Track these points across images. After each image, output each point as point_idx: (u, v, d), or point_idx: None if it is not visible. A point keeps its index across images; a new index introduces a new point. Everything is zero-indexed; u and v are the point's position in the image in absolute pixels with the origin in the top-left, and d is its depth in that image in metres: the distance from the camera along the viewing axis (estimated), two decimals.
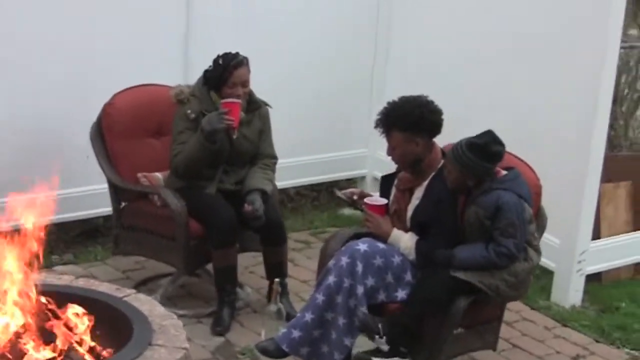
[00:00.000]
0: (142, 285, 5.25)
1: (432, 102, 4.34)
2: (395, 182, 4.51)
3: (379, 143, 6.67)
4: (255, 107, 5.04)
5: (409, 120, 4.28)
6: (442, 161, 4.37)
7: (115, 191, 5.12)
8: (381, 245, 4.36)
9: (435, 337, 4.25)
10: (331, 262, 4.34)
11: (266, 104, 5.10)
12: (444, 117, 4.37)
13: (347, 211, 6.82)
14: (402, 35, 6.57)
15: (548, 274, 5.62)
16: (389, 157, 4.44)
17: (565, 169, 5.40)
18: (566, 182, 5.38)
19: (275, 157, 5.15)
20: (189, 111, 4.91)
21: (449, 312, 4.19)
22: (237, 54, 4.93)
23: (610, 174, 5.77)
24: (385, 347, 4.26)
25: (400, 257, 4.35)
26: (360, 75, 6.66)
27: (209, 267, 5.14)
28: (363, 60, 6.66)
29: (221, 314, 4.91)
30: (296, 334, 4.32)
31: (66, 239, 5.75)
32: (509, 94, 5.81)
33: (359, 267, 4.26)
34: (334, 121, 6.62)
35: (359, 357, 4.36)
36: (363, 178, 6.84)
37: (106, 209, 5.54)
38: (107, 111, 5.11)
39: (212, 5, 5.88)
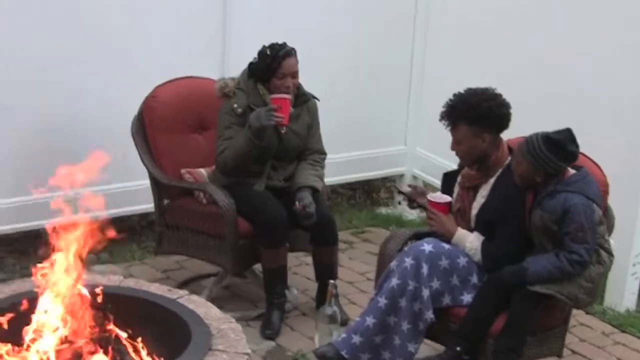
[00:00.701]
0: (184, 286, 4.99)
1: (500, 95, 4.14)
2: (459, 179, 4.31)
3: (419, 139, 6.56)
4: (303, 101, 4.84)
5: (477, 114, 4.08)
6: (509, 158, 4.17)
7: (158, 188, 4.91)
8: (446, 245, 4.15)
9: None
10: (393, 264, 4.13)
11: (314, 97, 4.89)
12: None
13: (384, 210, 6.63)
14: (441, 26, 6.34)
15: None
16: (453, 152, 4.23)
17: (620, 168, 5.18)
18: (622, 181, 5.16)
19: (324, 153, 4.94)
20: (235, 105, 4.70)
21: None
22: (284, 44, 4.73)
23: None
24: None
25: (465, 259, 4.15)
26: (398, 70, 6.42)
27: (255, 267, 4.94)
28: (401, 55, 6.42)
29: (270, 316, 4.70)
30: (357, 339, 4.11)
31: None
32: (565, 79, 5.52)
33: (424, 269, 4.05)
34: (371, 117, 6.37)
35: None
36: (402, 176, 6.60)
37: (142, 206, 5.35)
38: (149, 104, 4.90)
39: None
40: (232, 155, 4.66)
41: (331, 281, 4.51)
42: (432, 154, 6.34)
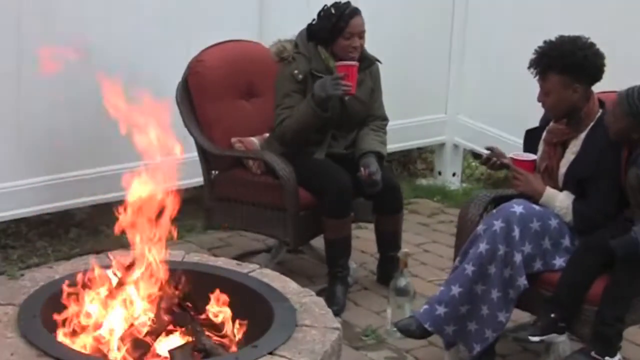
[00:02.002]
0: None
1: (594, 45, 3.83)
2: (544, 135, 4.00)
3: (460, 106, 6.26)
4: (367, 65, 4.52)
5: (570, 62, 3.77)
6: (601, 111, 3.88)
7: (207, 159, 4.58)
8: (536, 207, 3.85)
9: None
10: (480, 228, 3.82)
11: (377, 60, 4.58)
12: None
13: (424, 181, 6.34)
14: None
15: None
16: (540, 104, 3.92)
17: None
18: None
19: (386, 119, 4.65)
20: (295, 71, 4.39)
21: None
22: (348, 2, 4.41)
23: None
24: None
25: (556, 220, 3.85)
26: (438, 33, 6.13)
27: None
28: (441, 18, 6.12)
29: (334, 291, 4.39)
30: (441, 310, 3.81)
31: None
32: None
33: (516, 232, 3.75)
34: (409, 85, 6.03)
35: (515, 337, 3.85)
36: (442, 145, 6.31)
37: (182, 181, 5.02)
38: (196, 69, 4.57)
39: None
40: (292, 125, 4.35)
41: (404, 250, 4.21)
42: (475, 122, 6.07)
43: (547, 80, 3.83)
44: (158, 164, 3.38)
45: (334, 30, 4.35)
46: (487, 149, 4.11)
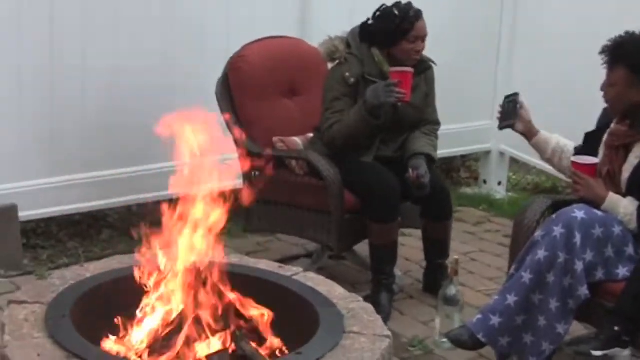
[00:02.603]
0: None
1: None
2: (605, 138, 3.76)
3: None
4: (423, 69, 4.31)
5: None
6: None
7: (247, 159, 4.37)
8: (599, 212, 3.61)
9: None
10: (538, 234, 3.58)
11: (432, 62, 4.37)
12: None
13: (469, 190, 6.12)
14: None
15: None
16: (602, 94, 3.70)
17: None
18: None
19: (439, 123, 4.45)
20: (347, 74, 4.17)
21: None
22: (410, 2, 4.21)
23: None
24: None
25: (620, 227, 3.60)
26: (486, 36, 5.92)
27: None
28: (488, 22, 5.91)
29: (379, 299, 4.16)
30: (495, 320, 3.57)
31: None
32: None
33: (577, 239, 3.51)
34: (455, 90, 5.81)
35: (576, 351, 3.60)
36: (488, 153, 6.09)
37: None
38: (237, 65, 4.38)
39: None
40: (342, 131, 4.14)
41: (454, 257, 3.98)
42: None
43: (614, 72, 3.62)
44: (201, 164, 3.18)
45: (397, 32, 4.14)
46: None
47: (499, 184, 6.07)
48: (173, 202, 3.18)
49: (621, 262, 3.59)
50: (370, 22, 4.23)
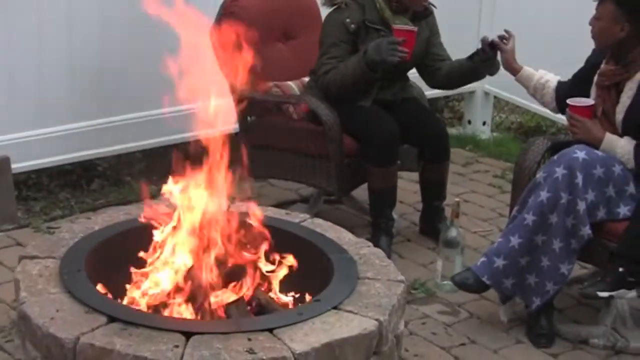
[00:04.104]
0: None
1: None
2: (596, 78, 3.77)
3: None
4: (424, 15, 4.27)
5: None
6: None
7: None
8: (599, 152, 3.65)
9: None
10: (540, 175, 3.62)
11: (433, 5, 4.33)
12: None
13: (454, 130, 6.09)
14: None
15: None
16: (591, 28, 3.72)
17: None
18: None
19: (450, 59, 4.42)
20: (348, 20, 4.11)
21: None
22: None
23: None
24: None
25: (620, 166, 3.64)
26: None
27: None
28: None
29: (379, 243, 4.14)
30: (500, 262, 3.62)
31: (162, 165, 4.98)
32: None
33: (579, 179, 3.54)
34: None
35: (583, 292, 3.65)
36: (472, 93, 6.07)
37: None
38: (230, 9, 4.32)
39: None
40: (337, 80, 4.10)
41: (456, 199, 4.01)
42: None
43: (602, 5, 3.64)
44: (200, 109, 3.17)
45: None
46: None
47: (484, 123, 6.08)
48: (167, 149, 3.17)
49: (622, 201, 3.63)
50: None
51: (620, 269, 3.53)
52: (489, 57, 4.11)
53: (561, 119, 4.30)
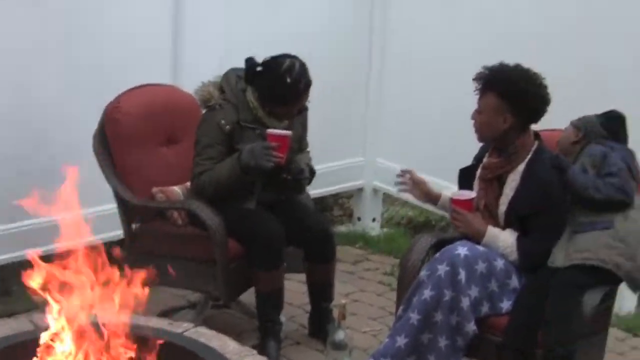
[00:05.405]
0: None
1: (546, 87, 3.72)
2: (479, 172, 3.87)
3: (379, 149, 6.12)
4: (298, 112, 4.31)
5: (512, 91, 3.68)
6: (537, 143, 3.78)
7: (127, 210, 4.29)
8: (480, 247, 3.71)
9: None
10: (423, 274, 3.65)
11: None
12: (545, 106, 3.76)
13: (344, 228, 6.14)
14: (399, 33, 5.91)
15: None
16: (473, 122, 3.82)
17: None
18: None
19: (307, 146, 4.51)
20: (222, 121, 4.12)
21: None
22: (303, 69, 4.13)
23: None
24: None
25: (502, 261, 3.71)
26: (355, 76, 5.97)
27: None
28: (358, 60, 5.97)
29: (267, 347, 4.13)
30: None
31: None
32: None
33: (462, 276, 3.59)
34: (326, 128, 5.84)
35: None
36: (360, 190, 6.13)
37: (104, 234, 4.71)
38: (112, 116, 4.29)
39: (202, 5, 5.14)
40: (213, 181, 4.10)
41: (342, 301, 3.99)
42: (395, 164, 5.89)
43: (484, 99, 3.73)
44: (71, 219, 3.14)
45: (282, 97, 4.11)
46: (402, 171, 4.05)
47: (374, 220, 6.12)
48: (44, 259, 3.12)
49: (505, 295, 3.69)
50: (259, 68, 4.16)
51: None
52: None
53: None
